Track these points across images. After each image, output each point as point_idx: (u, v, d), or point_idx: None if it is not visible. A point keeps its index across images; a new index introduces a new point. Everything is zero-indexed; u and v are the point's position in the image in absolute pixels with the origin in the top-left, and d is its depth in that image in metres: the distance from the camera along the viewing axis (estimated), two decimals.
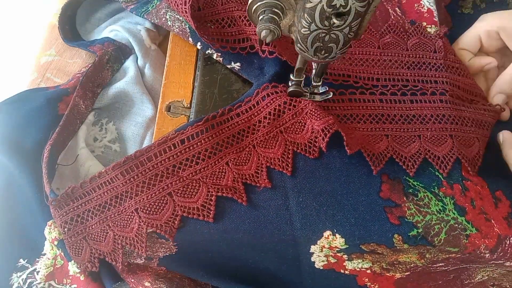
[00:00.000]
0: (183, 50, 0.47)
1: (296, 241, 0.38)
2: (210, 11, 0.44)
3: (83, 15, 0.55)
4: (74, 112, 0.45)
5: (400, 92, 0.42)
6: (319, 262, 0.38)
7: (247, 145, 0.40)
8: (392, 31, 0.46)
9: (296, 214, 0.37)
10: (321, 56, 0.33)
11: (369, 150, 0.38)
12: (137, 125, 0.48)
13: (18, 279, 0.40)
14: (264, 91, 0.40)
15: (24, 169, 0.41)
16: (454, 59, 0.44)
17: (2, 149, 0.42)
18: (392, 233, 0.36)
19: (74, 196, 0.38)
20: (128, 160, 0.38)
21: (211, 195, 0.37)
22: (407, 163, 0.38)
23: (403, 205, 0.37)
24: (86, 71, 0.47)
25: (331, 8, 0.28)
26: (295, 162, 0.39)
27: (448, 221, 0.36)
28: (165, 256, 0.38)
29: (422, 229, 0.36)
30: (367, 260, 0.37)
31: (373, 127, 0.40)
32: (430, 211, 0.37)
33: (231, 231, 0.37)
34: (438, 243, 0.36)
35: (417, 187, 0.38)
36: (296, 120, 0.40)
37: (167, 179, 0.38)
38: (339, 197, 0.37)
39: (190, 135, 0.39)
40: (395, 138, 0.40)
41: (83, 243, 0.38)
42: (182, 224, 0.37)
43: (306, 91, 0.40)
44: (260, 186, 0.38)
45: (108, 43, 0.50)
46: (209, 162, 0.39)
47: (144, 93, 0.48)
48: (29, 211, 0.41)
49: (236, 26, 0.43)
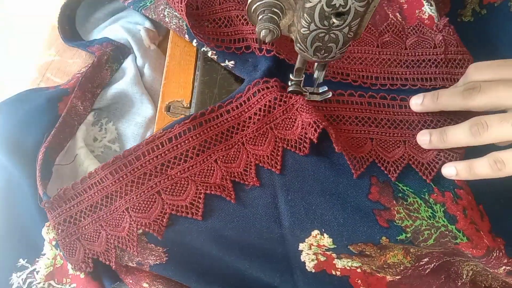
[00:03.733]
0: (183, 50, 0.47)
1: (285, 239, 0.37)
2: (208, 11, 0.44)
3: (83, 15, 0.55)
4: (72, 114, 0.45)
5: (397, 92, 0.42)
6: (309, 263, 0.38)
7: (236, 142, 0.39)
8: (391, 30, 0.46)
9: (284, 213, 0.37)
10: (320, 56, 0.33)
11: (351, 153, 0.37)
12: (137, 125, 0.48)
13: (18, 279, 0.40)
14: (255, 87, 0.40)
15: (24, 170, 0.41)
16: (456, 51, 0.44)
17: (1, 149, 0.43)
18: (380, 236, 0.36)
19: (66, 197, 0.39)
20: (117, 160, 0.38)
21: (200, 193, 0.37)
22: (389, 168, 0.38)
23: (392, 209, 0.36)
24: (85, 73, 0.47)
25: (331, 7, 0.28)
26: (284, 160, 0.38)
27: (438, 227, 0.36)
28: (155, 264, 0.38)
29: (410, 234, 0.36)
30: (356, 261, 0.37)
31: (359, 129, 0.40)
32: (421, 216, 0.36)
33: (219, 229, 0.37)
34: (425, 248, 0.36)
35: (406, 192, 0.37)
36: (286, 116, 0.39)
37: (156, 177, 0.38)
38: (328, 196, 0.37)
39: (178, 133, 0.38)
40: (379, 142, 0.39)
41: (77, 243, 0.38)
42: (170, 223, 0.37)
43: (306, 91, 0.40)
44: (248, 184, 0.38)
45: (107, 43, 0.50)
46: (198, 160, 0.38)
47: (144, 93, 0.48)
48: (29, 211, 0.41)
49: (233, 26, 0.43)
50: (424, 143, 0.39)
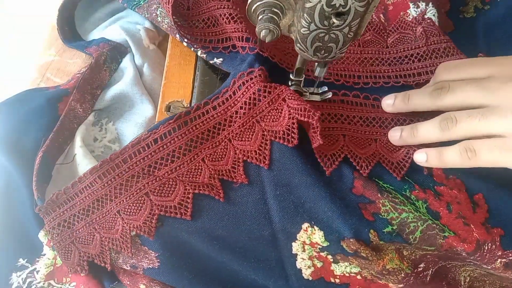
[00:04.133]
0: (183, 50, 0.47)
1: (276, 239, 0.37)
2: (197, 11, 0.44)
3: (83, 15, 0.55)
4: (70, 117, 0.45)
5: (380, 90, 0.42)
6: (305, 270, 0.37)
7: (223, 139, 0.39)
8: (372, 29, 0.46)
9: (274, 208, 0.37)
10: (320, 56, 0.33)
11: (321, 151, 0.37)
12: (137, 125, 0.48)
13: (18, 278, 0.40)
14: (240, 80, 0.39)
15: (23, 171, 0.41)
16: (438, 40, 0.43)
17: (1, 149, 0.42)
18: (368, 228, 0.35)
19: (59, 202, 0.39)
20: (104, 164, 0.38)
21: (188, 193, 0.37)
22: (361, 164, 0.37)
23: (377, 202, 0.36)
24: (83, 75, 0.47)
25: (331, 7, 0.28)
26: (272, 154, 0.37)
27: (425, 220, 0.35)
28: (148, 268, 0.38)
29: (396, 226, 0.35)
30: (354, 264, 0.36)
31: (331, 127, 0.40)
32: (407, 208, 0.36)
33: (209, 229, 0.37)
34: (414, 241, 0.35)
35: (388, 189, 0.37)
36: (272, 107, 0.38)
37: (144, 179, 0.38)
38: (317, 189, 0.36)
39: (163, 133, 0.38)
40: (351, 139, 0.39)
41: (71, 247, 0.39)
42: (160, 224, 0.37)
43: (306, 91, 0.40)
44: (237, 182, 0.38)
45: (103, 44, 0.50)
46: (185, 159, 0.38)
47: (144, 93, 0.48)
48: (28, 213, 0.41)
49: (219, 25, 0.43)
50: (395, 139, 0.39)
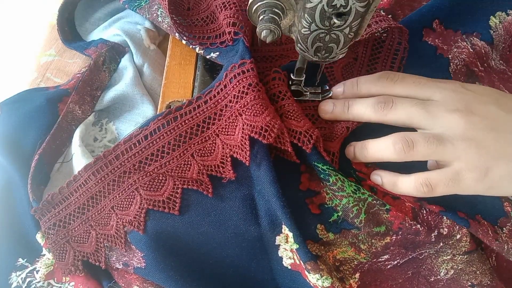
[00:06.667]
0: (183, 50, 0.47)
1: (261, 234, 0.37)
2: (197, 10, 0.45)
3: (83, 15, 0.55)
4: (68, 119, 0.45)
5: None
6: (286, 259, 0.37)
7: (211, 133, 0.38)
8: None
9: (259, 204, 0.37)
10: (321, 56, 0.34)
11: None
12: (137, 125, 0.48)
13: (17, 278, 0.40)
14: (232, 73, 0.38)
15: (22, 170, 0.42)
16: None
17: (1, 149, 0.42)
18: (314, 225, 0.35)
19: (54, 202, 0.39)
20: (98, 161, 0.38)
21: (177, 188, 0.37)
22: (302, 139, 0.36)
23: (322, 191, 0.36)
24: (82, 76, 0.47)
25: (332, 8, 0.28)
26: (251, 150, 0.36)
27: (365, 199, 0.35)
28: (137, 267, 0.38)
29: (342, 212, 0.35)
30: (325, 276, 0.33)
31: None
32: (346, 193, 0.35)
33: (196, 224, 0.37)
34: (360, 224, 0.35)
35: (327, 171, 0.36)
36: (257, 102, 0.36)
37: (134, 175, 0.38)
38: (278, 187, 0.35)
39: (153, 129, 0.38)
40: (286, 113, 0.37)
41: (67, 246, 0.39)
42: (147, 218, 0.37)
43: (306, 90, 0.41)
44: (226, 178, 0.37)
45: (101, 44, 0.50)
46: (174, 155, 0.38)
47: (144, 94, 0.48)
48: (27, 213, 0.41)
49: (217, 20, 0.43)
50: (326, 113, 0.39)
